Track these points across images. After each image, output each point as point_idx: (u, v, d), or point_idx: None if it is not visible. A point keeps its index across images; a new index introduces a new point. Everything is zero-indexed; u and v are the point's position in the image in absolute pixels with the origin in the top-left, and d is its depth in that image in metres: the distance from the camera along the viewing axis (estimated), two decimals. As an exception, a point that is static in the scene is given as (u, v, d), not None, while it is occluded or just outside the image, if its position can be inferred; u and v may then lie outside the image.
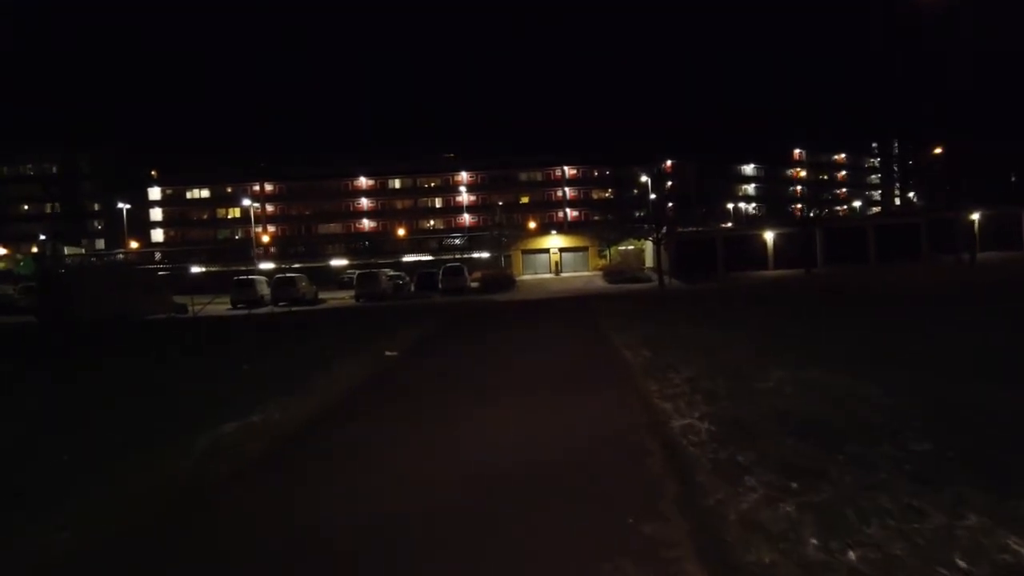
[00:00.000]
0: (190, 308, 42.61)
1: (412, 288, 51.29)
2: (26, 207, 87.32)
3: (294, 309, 39.79)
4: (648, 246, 58.74)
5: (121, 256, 72.36)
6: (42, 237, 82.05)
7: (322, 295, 50.04)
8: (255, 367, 12.19)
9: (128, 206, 67.42)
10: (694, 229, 50.90)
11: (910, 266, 42.39)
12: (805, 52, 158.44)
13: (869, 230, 47.64)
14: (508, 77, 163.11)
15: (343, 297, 48.85)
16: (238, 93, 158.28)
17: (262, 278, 48.64)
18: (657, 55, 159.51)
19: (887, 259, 45.25)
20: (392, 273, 55.62)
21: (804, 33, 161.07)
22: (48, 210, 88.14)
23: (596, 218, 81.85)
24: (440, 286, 47.47)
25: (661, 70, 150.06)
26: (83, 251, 74.75)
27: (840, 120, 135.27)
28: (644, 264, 57.95)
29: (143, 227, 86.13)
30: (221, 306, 44.92)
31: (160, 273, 52.76)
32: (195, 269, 67.44)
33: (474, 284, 51.35)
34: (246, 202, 65.57)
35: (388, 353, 12.43)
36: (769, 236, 47.68)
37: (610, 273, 51.56)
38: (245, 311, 40.21)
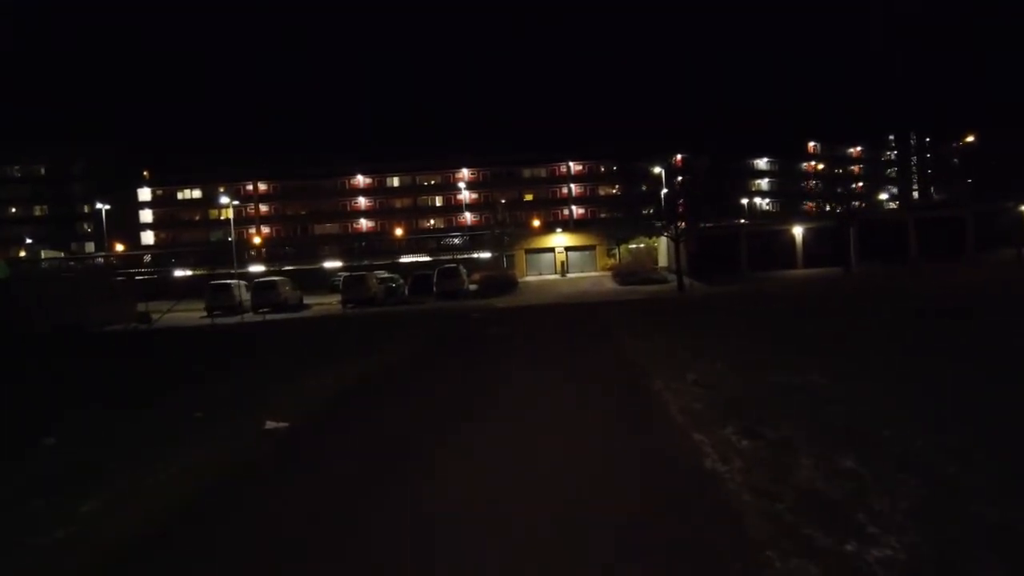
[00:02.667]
0: (159, 316, 37.96)
1: (406, 292, 45.98)
2: (13, 209, 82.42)
3: (268, 318, 34.74)
4: (661, 243, 53.29)
5: (101, 260, 67.25)
6: (28, 240, 77.31)
7: (312, 299, 44.99)
8: (73, 438, 7.00)
9: (107, 207, 62.25)
10: (712, 225, 45.31)
11: (956, 264, 36.84)
12: (810, 49, 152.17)
13: (910, 224, 41.92)
14: (508, 77, 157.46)
15: (331, 302, 43.70)
16: (238, 93, 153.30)
17: (241, 282, 43.48)
18: (657, 55, 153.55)
19: (929, 256, 39.64)
20: (384, 275, 50.39)
21: (809, 31, 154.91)
22: (37, 212, 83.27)
23: (603, 215, 76.41)
24: (435, 290, 42.15)
25: (662, 70, 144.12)
26: (61, 254, 69.62)
27: (853, 113, 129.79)
28: (657, 263, 52.46)
29: (134, 229, 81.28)
30: (195, 313, 40.22)
31: (119, 279, 47.48)
32: (181, 272, 62.37)
33: (473, 286, 46.01)
34: (224, 200, 60.31)
35: (271, 424, 7.09)
36: (797, 232, 42.06)
37: (621, 273, 46.05)
38: (214, 319, 35.10)
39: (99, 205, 61.72)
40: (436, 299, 41.54)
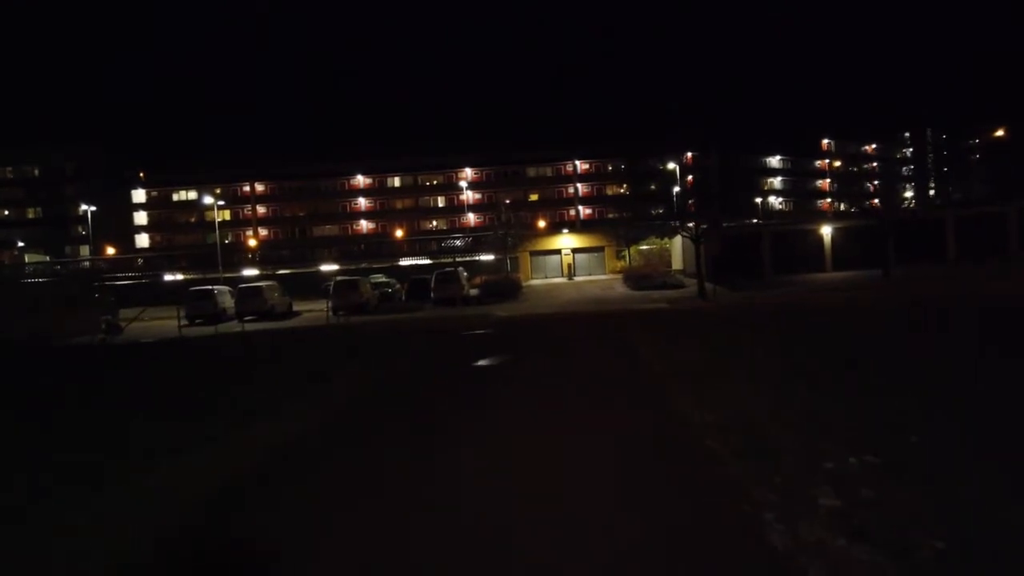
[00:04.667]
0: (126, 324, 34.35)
1: (403, 297, 42.28)
2: (7, 212, 78.85)
3: (249, 327, 31.05)
4: (675, 244, 49.23)
5: (87, 264, 63.63)
6: (20, 244, 73.69)
7: (306, 305, 41.23)
8: None
9: (93, 208, 58.63)
10: (733, 224, 41.27)
11: (1000, 265, 32.74)
12: (820, 46, 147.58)
13: (947, 223, 37.72)
14: (513, 74, 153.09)
15: (322, 309, 39.86)
16: (236, 93, 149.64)
17: (224, 288, 39.81)
18: (663, 52, 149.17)
19: (970, 257, 35.57)
20: (381, 279, 46.53)
21: (817, 28, 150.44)
22: (31, 215, 79.66)
23: (611, 215, 72.38)
24: (432, 295, 38.35)
25: (668, 67, 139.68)
26: (47, 258, 65.98)
27: (868, 110, 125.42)
28: (670, 266, 48.36)
29: (129, 232, 77.72)
30: (167, 322, 36.64)
31: (79, 285, 43.79)
32: (171, 277, 58.64)
33: (474, 291, 42.14)
34: (208, 200, 56.54)
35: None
36: (826, 231, 37.91)
37: (633, 277, 41.95)
38: (181, 329, 31.22)
39: (84, 207, 57.95)
40: (433, 306, 37.80)
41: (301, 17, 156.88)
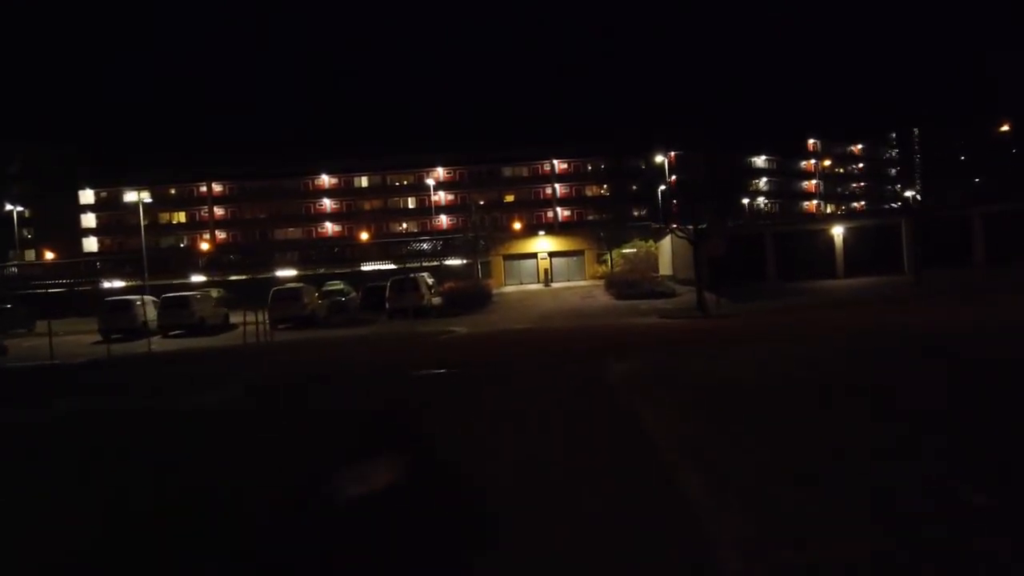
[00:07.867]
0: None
1: (358, 306, 36.46)
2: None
3: (157, 347, 24.99)
4: (663, 247, 43.58)
5: (14, 270, 56.70)
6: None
7: (251, 316, 34.93)
8: None
9: (20, 208, 51.83)
10: (731, 225, 35.63)
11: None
12: (810, 44, 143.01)
13: (975, 222, 32.41)
14: (488, 69, 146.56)
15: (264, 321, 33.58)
16: (236, 92, 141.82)
17: (149, 298, 33.49)
18: (649, 49, 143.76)
19: (1000, 259, 30.36)
20: (337, 287, 40.45)
21: (808, 25, 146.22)
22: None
23: (591, 217, 66.79)
24: (387, 306, 32.43)
25: (655, 64, 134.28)
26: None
27: (858, 112, 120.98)
28: (657, 270, 42.67)
29: (77, 234, 70.81)
30: (86, 337, 30.66)
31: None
32: (109, 284, 51.97)
33: (437, 300, 36.15)
34: (130, 196, 49.97)
35: None
36: (837, 231, 32.42)
37: (617, 284, 36.15)
38: (64, 348, 24.89)
39: (23, 208, 51.13)
40: (389, 317, 31.93)
41: (301, 17, 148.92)
